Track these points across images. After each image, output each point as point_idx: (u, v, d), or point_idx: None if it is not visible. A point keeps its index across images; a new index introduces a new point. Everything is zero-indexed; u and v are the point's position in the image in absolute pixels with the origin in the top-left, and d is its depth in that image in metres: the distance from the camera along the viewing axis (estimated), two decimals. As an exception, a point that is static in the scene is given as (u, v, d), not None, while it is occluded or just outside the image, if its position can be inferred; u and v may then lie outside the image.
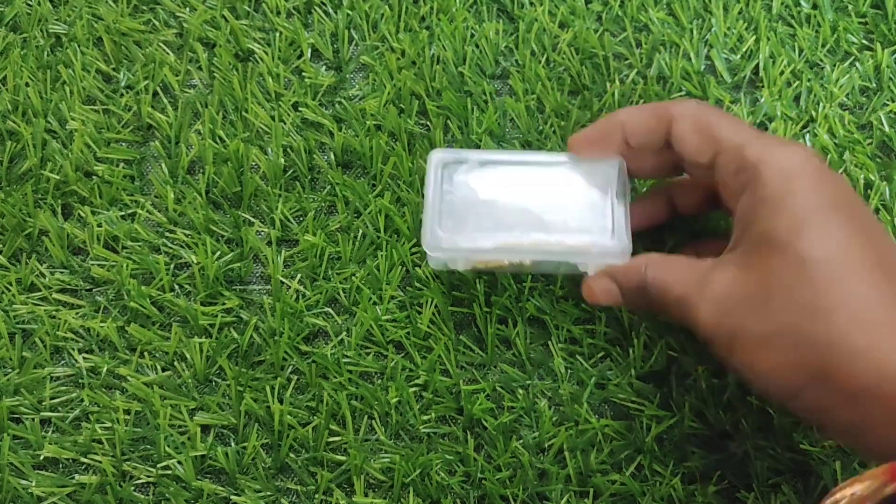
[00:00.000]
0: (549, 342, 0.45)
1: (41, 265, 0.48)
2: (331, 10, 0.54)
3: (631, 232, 0.42)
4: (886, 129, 0.50)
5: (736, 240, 0.37)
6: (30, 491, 0.43)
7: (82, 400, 0.45)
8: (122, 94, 0.52)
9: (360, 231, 0.48)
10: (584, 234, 0.42)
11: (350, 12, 0.53)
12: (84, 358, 0.45)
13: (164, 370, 0.45)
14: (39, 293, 0.47)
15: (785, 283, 0.33)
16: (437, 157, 0.44)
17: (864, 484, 0.31)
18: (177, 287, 0.47)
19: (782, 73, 0.51)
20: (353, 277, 0.47)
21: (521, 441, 0.44)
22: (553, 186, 0.43)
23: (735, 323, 0.35)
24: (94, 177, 0.49)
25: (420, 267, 0.47)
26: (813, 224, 0.34)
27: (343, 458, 0.43)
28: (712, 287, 0.36)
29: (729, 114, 0.39)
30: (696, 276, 0.37)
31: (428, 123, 0.51)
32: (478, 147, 0.49)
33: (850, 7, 0.53)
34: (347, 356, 0.45)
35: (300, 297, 0.47)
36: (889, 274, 0.33)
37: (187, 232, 0.48)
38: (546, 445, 0.44)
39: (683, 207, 0.45)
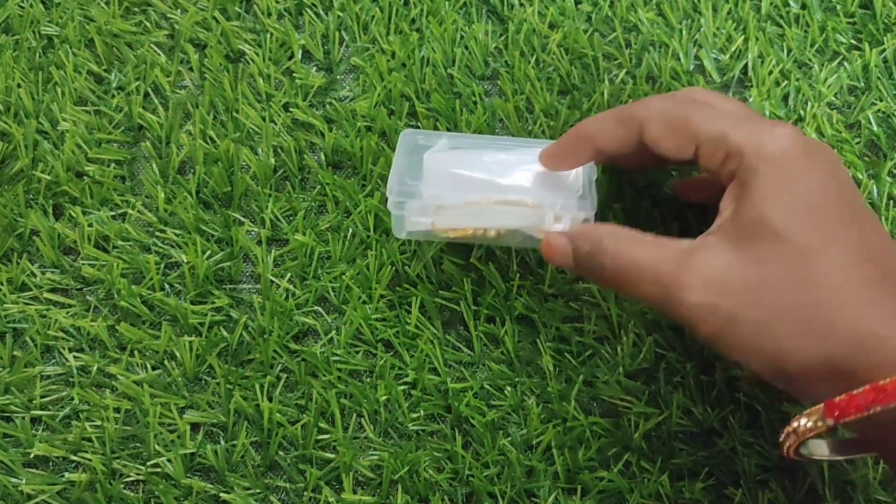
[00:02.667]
0: (538, 340, 0.45)
1: (32, 265, 0.48)
2: (322, 12, 0.54)
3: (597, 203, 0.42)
4: (874, 128, 0.50)
5: (724, 223, 0.36)
6: (20, 489, 0.43)
7: (72, 398, 0.45)
8: (113, 95, 0.52)
9: (350, 230, 0.48)
10: (549, 197, 0.42)
11: (341, 14, 0.54)
12: (74, 357, 0.46)
13: (153, 369, 0.46)
14: (30, 292, 0.47)
15: (781, 272, 0.33)
16: (407, 137, 0.45)
17: (808, 417, 0.32)
18: (167, 286, 0.47)
19: (771, 72, 0.52)
20: (343, 276, 0.47)
21: (508, 438, 0.44)
22: (520, 164, 0.43)
23: (732, 307, 0.34)
24: (85, 177, 0.50)
25: (409, 266, 0.47)
26: (805, 213, 0.34)
27: (332, 455, 0.43)
28: (703, 269, 0.35)
29: (698, 102, 0.38)
30: (674, 254, 0.36)
31: (418, 124, 0.51)
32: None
33: (838, 7, 0.54)
34: (337, 354, 0.45)
35: (290, 295, 0.47)
36: (881, 266, 0.34)
37: (178, 231, 0.48)
38: (534, 443, 0.44)
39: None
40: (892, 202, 0.48)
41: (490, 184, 0.43)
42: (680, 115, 0.37)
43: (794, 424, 0.33)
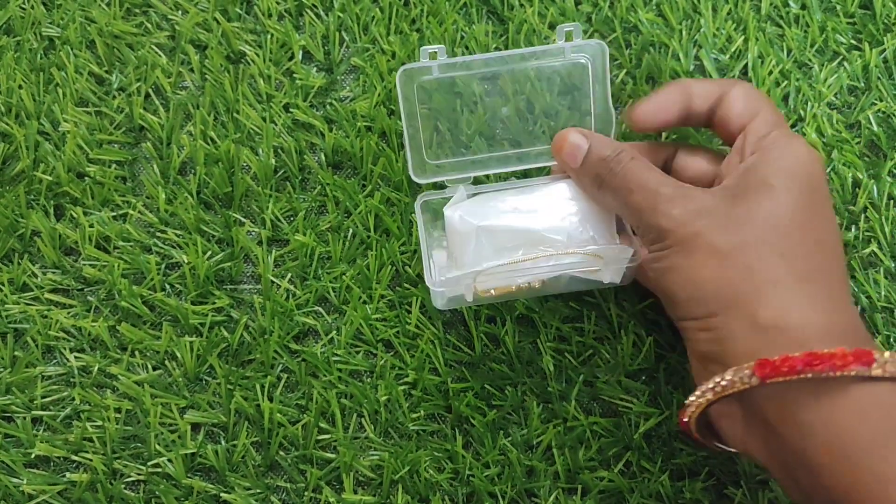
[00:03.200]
0: (538, 340, 0.45)
1: (33, 265, 0.48)
2: (322, 13, 0.54)
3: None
4: (874, 128, 0.50)
5: (730, 180, 0.39)
6: (21, 489, 0.43)
7: (73, 399, 0.45)
8: (114, 96, 0.52)
9: (351, 231, 0.48)
10: (590, 242, 0.42)
11: (341, 14, 0.54)
12: (75, 357, 0.46)
13: (154, 369, 0.46)
14: (31, 293, 0.47)
15: (764, 223, 0.36)
16: (421, 202, 0.44)
17: (727, 376, 0.34)
18: (168, 287, 0.47)
19: (771, 72, 0.52)
20: (343, 277, 0.47)
21: (509, 438, 0.44)
22: (545, 202, 0.43)
23: (703, 225, 0.37)
24: (86, 178, 0.50)
25: (409, 266, 0.47)
26: (802, 197, 0.37)
27: (332, 455, 0.44)
28: (693, 200, 0.38)
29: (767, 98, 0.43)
30: (676, 185, 0.39)
31: (418, 125, 0.51)
32: (468, 148, 0.49)
33: (838, 7, 0.54)
34: (337, 355, 0.45)
35: (290, 296, 0.47)
36: (833, 263, 0.37)
37: (178, 232, 0.48)
38: (534, 443, 0.44)
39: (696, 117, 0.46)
40: (892, 202, 0.48)
41: (525, 232, 0.42)
42: (758, 96, 0.42)
43: (717, 379, 0.35)
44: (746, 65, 0.52)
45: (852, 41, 0.53)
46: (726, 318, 0.35)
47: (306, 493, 0.43)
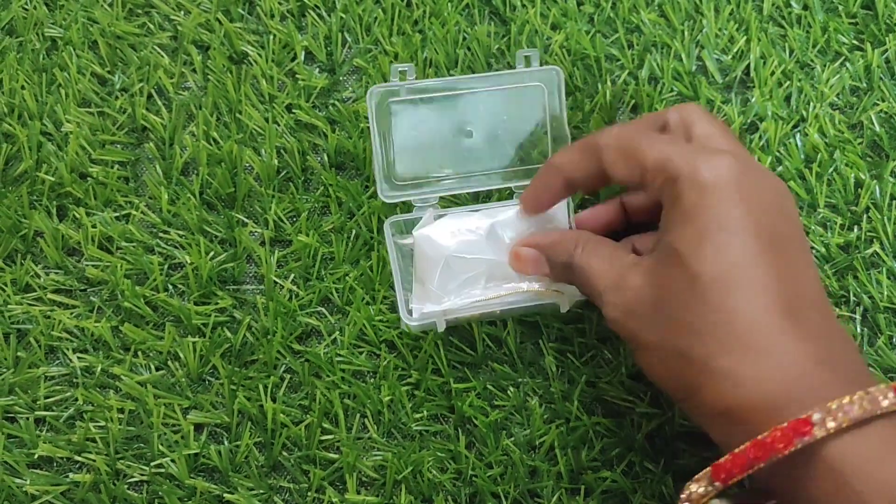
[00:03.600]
0: (540, 341, 0.45)
1: (36, 266, 0.48)
2: (324, 14, 0.54)
3: None
4: (877, 128, 0.50)
5: (652, 247, 0.37)
6: (24, 489, 0.43)
7: (76, 399, 0.45)
8: (116, 97, 0.52)
9: (353, 231, 0.48)
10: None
11: (343, 15, 0.54)
12: (78, 357, 0.46)
13: (157, 369, 0.46)
14: (34, 293, 0.47)
15: (676, 298, 0.34)
16: (389, 225, 0.46)
17: (698, 483, 0.33)
18: (170, 287, 0.47)
19: (773, 73, 0.52)
20: (347, 277, 0.47)
21: (512, 439, 0.44)
22: (512, 225, 0.44)
23: (633, 327, 0.36)
24: (88, 178, 0.50)
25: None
26: (714, 240, 0.34)
27: (336, 456, 0.44)
28: (624, 288, 0.37)
29: (655, 133, 0.40)
30: (615, 271, 0.38)
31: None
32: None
33: (840, 8, 0.54)
34: (340, 355, 0.45)
35: (293, 296, 0.47)
36: (793, 301, 0.34)
37: (181, 232, 0.48)
38: (537, 443, 0.44)
39: (634, 215, 0.45)
40: (894, 202, 0.48)
41: (491, 262, 0.44)
42: (633, 142, 0.38)
43: (687, 492, 0.34)
44: (749, 65, 0.52)
45: (854, 41, 0.53)
46: (689, 408, 0.35)
47: (309, 494, 0.43)
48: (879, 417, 0.31)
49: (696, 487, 0.33)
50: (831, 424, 0.30)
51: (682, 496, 0.34)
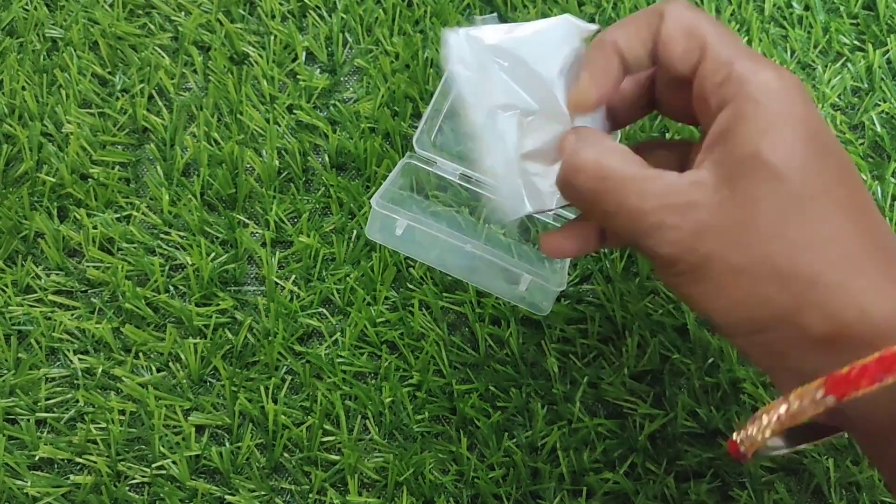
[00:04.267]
0: (542, 342, 0.45)
1: (37, 267, 0.48)
2: (325, 14, 0.54)
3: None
4: (878, 129, 0.50)
5: (712, 157, 0.32)
6: (25, 491, 0.43)
7: (77, 401, 0.45)
8: (117, 98, 0.52)
9: (355, 232, 0.48)
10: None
11: (344, 16, 0.54)
12: (79, 359, 0.46)
13: (158, 371, 0.46)
14: (35, 295, 0.47)
15: (773, 214, 0.30)
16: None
17: (794, 403, 0.29)
18: (171, 288, 0.47)
19: (774, 73, 0.52)
20: (348, 278, 0.47)
21: (514, 440, 0.44)
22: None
23: (710, 249, 0.31)
24: (89, 179, 0.50)
25: (413, 268, 0.47)
26: (807, 157, 0.31)
27: (337, 457, 0.43)
28: (688, 208, 0.31)
29: (722, 24, 0.35)
30: (661, 191, 0.32)
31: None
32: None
33: (841, 8, 0.54)
34: (341, 356, 0.45)
35: (294, 297, 0.47)
36: (870, 219, 0.31)
37: (182, 234, 0.48)
38: (539, 444, 0.44)
39: (623, 117, 0.39)
40: (896, 203, 0.48)
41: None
42: (699, 22, 0.34)
43: (782, 409, 0.29)
44: (750, 66, 0.52)
45: (856, 42, 0.53)
46: (775, 336, 0.30)
47: (311, 495, 0.43)
48: None
49: (800, 402, 0.28)
50: None
51: (771, 414, 0.29)
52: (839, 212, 0.30)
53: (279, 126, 0.51)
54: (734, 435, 0.31)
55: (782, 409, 0.29)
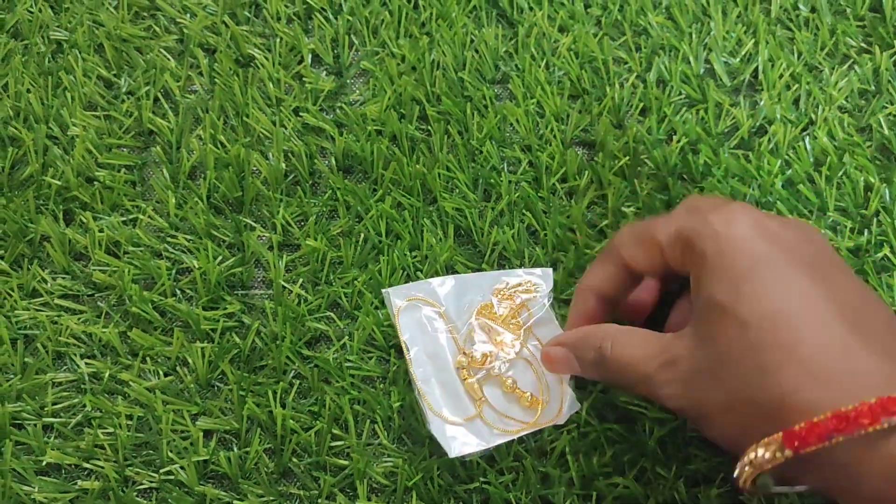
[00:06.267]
0: (551, 345, 0.45)
1: (43, 271, 0.48)
2: (331, 16, 0.54)
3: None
4: (886, 131, 0.50)
5: (694, 314, 0.36)
6: (32, 497, 0.43)
7: (84, 405, 0.45)
8: (123, 100, 0.52)
9: (362, 235, 0.48)
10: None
11: (350, 18, 0.54)
12: (86, 363, 0.45)
13: (166, 375, 0.45)
14: (41, 299, 0.47)
15: (732, 349, 0.33)
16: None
17: (766, 448, 0.32)
18: (178, 292, 0.47)
19: (781, 76, 0.52)
20: (355, 282, 0.47)
21: (523, 444, 0.44)
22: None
23: (697, 396, 0.35)
24: (95, 182, 0.50)
25: (421, 271, 0.47)
26: (751, 281, 0.33)
27: (346, 462, 0.43)
28: (674, 364, 0.35)
29: (662, 216, 0.39)
30: (658, 352, 0.36)
31: (428, 128, 0.51)
32: None
33: (848, 10, 0.54)
34: (349, 360, 0.45)
35: (302, 301, 0.47)
36: (852, 319, 0.33)
37: (189, 237, 0.48)
38: (548, 449, 0.44)
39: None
40: (904, 206, 0.48)
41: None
42: (643, 228, 0.39)
43: (751, 455, 0.32)
44: (757, 68, 0.52)
45: (862, 44, 0.53)
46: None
47: (320, 501, 0.43)
48: None
49: (762, 452, 0.32)
50: None
51: (745, 459, 0.32)
52: (793, 323, 0.32)
53: (285, 129, 0.51)
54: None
55: (752, 455, 0.32)
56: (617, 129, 0.51)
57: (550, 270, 0.46)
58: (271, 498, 0.43)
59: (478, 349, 0.44)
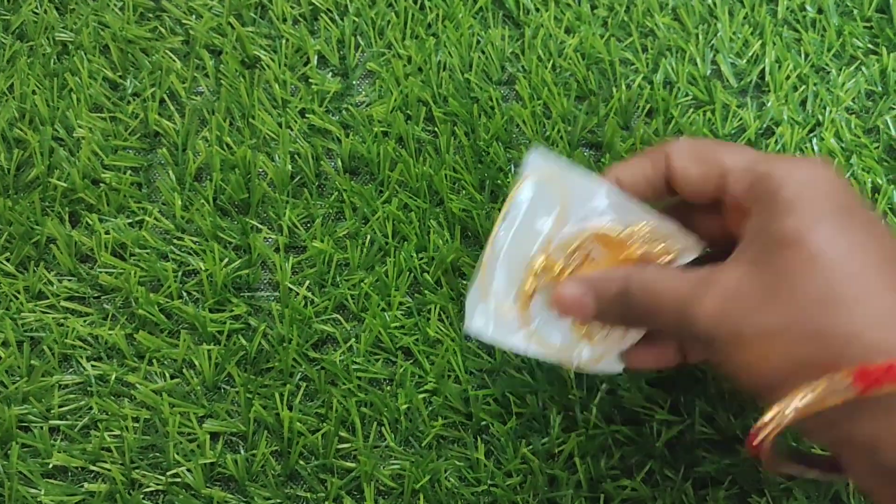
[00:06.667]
0: (559, 347, 0.45)
1: (49, 273, 0.48)
2: (337, 17, 0.54)
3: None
4: (893, 132, 0.50)
5: (745, 244, 0.35)
6: (39, 499, 0.43)
7: (91, 408, 0.45)
8: (128, 102, 0.52)
9: (368, 237, 0.48)
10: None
11: (356, 19, 0.53)
12: (92, 366, 0.45)
13: (172, 377, 0.45)
14: (47, 301, 0.47)
15: (797, 277, 0.32)
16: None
17: (831, 380, 0.29)
18: (185, 294, 0.47)
19: (788, 77, 0.51)
20: (362, 284, 0.47)
21: (530, 447, 0.43)
22: None
23: (741, 316, 0.32)
24: (101, 184, 0.49)
25: (428, 273, 0.47)
26: (826, 223, 0.32)
27: (353, 464, 0.43)
28: (718, 285, 0.33)
29: (722, 141, 0.38)
30: (694, 279, 0.35)
31: (435, 130, 0.51)
32: None
33: (855, 11, 0.53)
34: (356, 363, 0.45)
35: (308, 303, 0.47)
36: None
37: (195, 239, 0.48)
38: (556, 451, 0.43)
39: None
40: (912, 207, 0.48)
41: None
42: (709, 148, 0.37)
43: (801, 395, 0.30)
44: (763, 69, 0.52)
45: (869, 45, 0.53)
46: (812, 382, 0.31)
47: (327, 503, 0.43)
48: None
49: (826, 385, 0.29)
50: None
51: (802, 392, 0.30)
52: (864, 270, 0.31)
53: (291, 130, 0.50)
54: (754, 427, 0.32)
55: (802, 394, 0.30)
56: (624, 131, 0.51)
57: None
58: (278, 500, 0.43)
59: (562, 264, 0.39)
